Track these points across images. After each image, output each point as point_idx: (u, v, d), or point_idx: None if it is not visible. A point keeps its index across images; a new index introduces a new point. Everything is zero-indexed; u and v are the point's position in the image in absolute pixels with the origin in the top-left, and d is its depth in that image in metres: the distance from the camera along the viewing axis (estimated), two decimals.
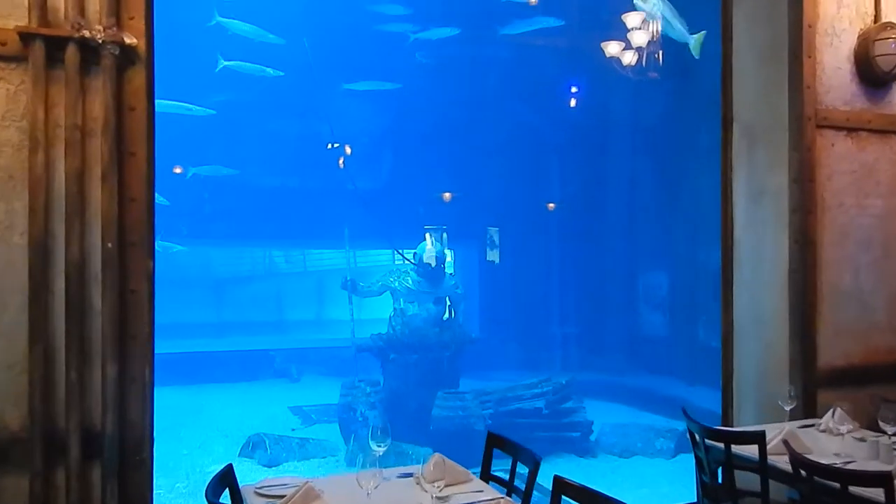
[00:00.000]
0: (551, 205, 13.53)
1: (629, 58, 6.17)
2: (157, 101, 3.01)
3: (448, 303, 9.15)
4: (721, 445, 3.21)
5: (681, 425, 8.37)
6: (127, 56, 2.81)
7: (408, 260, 9.13)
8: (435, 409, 7.70)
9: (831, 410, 3.65)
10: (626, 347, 11.82)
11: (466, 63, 12.06)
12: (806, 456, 2.83)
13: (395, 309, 9.10)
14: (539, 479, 2.91)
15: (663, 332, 11.45)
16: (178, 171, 13.13)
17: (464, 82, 11.97)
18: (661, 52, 6.21)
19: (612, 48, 6.28)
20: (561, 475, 2.55)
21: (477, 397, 7.86)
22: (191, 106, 10.85)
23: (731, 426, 4.56)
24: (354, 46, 11.51)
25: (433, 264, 8.94)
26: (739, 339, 4.75)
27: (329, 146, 11.38)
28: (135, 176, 2.88)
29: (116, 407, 2.82)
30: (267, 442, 7.74)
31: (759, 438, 3.13)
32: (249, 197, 12.31)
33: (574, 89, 12.49)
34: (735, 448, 3.19)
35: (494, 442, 3.15)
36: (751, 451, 3.18)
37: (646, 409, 10.11)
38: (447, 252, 9.38)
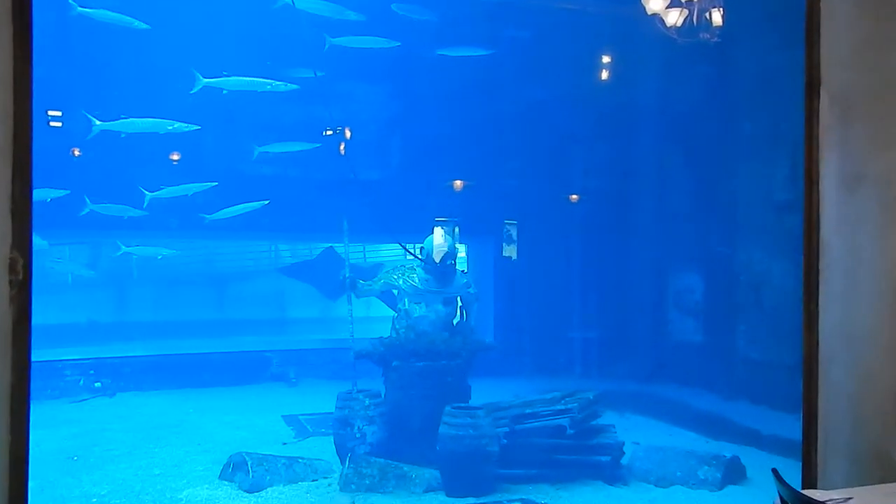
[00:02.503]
0: (574, 197, 12.52)
1: (675, 17, 5.17)
2: None
3: (459, 304, 8.15)
4: None
5: (727, 450, 7.36)
6: None
7: (414, 255, 8.14)
8: (442, 425, 6.69)
9: None
10: (654, 355, 10.81)
11: (481, 42, 11.04)
12: None
13: (398, 310, 8.11)
14: None
15: (697, 339, 10.42)
16: (175, 158, 12.27)
17: (478, 63, 10.92)
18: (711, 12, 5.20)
19: (654, 3, 5.25)
20: None
21: (490, 413, 6.85)
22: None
23: (815, 479, 3.55)
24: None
25: (442, 261, 7.93)
26: (827, 366, 3.71)
27: (328, 132, 10.40)
28: None
29: None
30: (249, 463, 6.77)
31: None
32: (247, 187, 11.38)
33: (600, 72, 11.44)
34: None
35: None
36: None
37: (679, 424, 9.10)
38: (458, 247, 8.38)
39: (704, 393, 9.45)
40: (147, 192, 10.31)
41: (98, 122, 9.65)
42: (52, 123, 12.00)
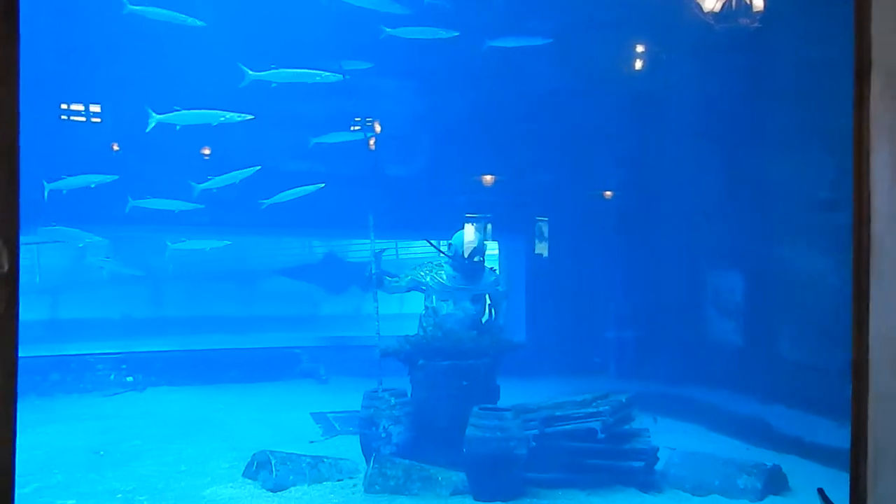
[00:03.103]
0: (608, 193, 12.19)
1: (712, 1, 4.89)
2: None
3: (487, 302, 7.95)
4: None
5: (768, 457, 7.03)
6: None
7: (441, 252, 7.95)
8: (469, 427, 6.49)
9: None
10: (690, 356, 10.43)
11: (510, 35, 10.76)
12: None
13: (426, 307, 7.93)
14: None
15: (736, 340, 10.02)
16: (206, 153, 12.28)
17: (508, 57, 10.66)
18: None
19: None
20: None
21: (518, 415, 6.62)
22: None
23: (864, 493, 3.27)
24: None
25: (471, 257, 7.73)
26: (878, 371, 3.43)
27: (358, 128, 10.23)
28: None
29: None
30: (273, 462, 6.65)
31: None
32: (276, 184, 11.30)
33: (634, 63, 11.09)
34: None
35: None
36: None
37: (717, 429, 8.78)
38: (488, 244, 8.16)
39: (744, 397, 9.06)
40: (196, 185, 10.21)
41: (155, 115, 9.60)
42: (93, 119, 12.14)
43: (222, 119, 9.74)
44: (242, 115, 9.68)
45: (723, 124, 10.42)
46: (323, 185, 10.20)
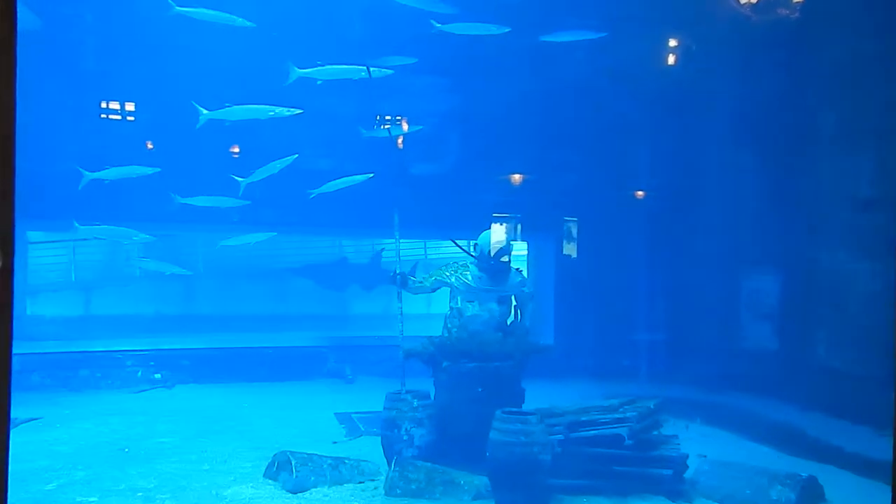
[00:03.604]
0: (640, 193, 11.94)
1: None
2: None
3: (513, 303, 7.80)
4: None
5: (803, 468, 6.76)
6: None
7: (466, 252, 7.82)
8: (492, 431, 6.34)
9: None
10: (723, 361, 10.16)
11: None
12: None
13: (451, 308, 7.81)
14: None
15: (771, 345, 9.73)
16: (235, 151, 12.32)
17: (538, 52, 10.49)
18: None
19: None
20: None
21: (543, 419, 6.46)
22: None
23: None
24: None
25: (497, 258, 7.58)
26: None
27: (385, 126, 10.11)
28: None
29: None
30: (293, 462, 6.58)
31: None
32: (304, 182, 11.27)
33: (667, 58, 10.83)
34: None
35: None
36: None
37: (750, 436, 8.50)
38: (515, 244, 8.01)
39: (779, 403, 8.78)
40: (241, 180, 10.16)
41: (205, 112, 9.58)
42: (128, 118, 12.26)
43: (271, 114, 9.62)
44: (291, 109, 9.54)
45: (759, 122, 10.13)
46: (372, 174, 10.03)
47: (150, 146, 11.47)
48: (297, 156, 9.87)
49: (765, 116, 10.04)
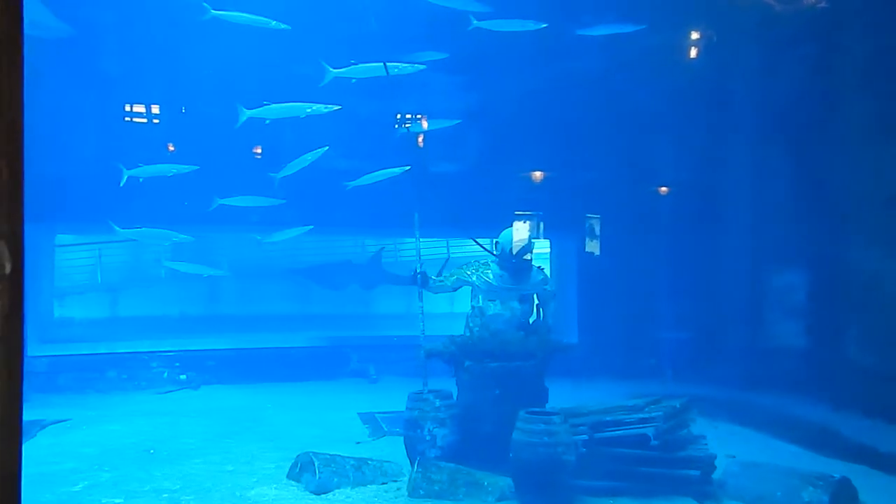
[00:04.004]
0: (663, 189, 11.77)
1: None
2: None
3: (535, 302, 7.71)
4: None
5: (836, 468, 6.60)
6: None
7: (487, 250, 7.75)
8: (515, 431, 6.28)
9: None
10: (751, 359, 9.98)
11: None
12: None
13: (472, 307, 7.75)
14: None
15: (801, 343, 9.53)
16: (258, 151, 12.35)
17: (559, 46, 10.36)
18: None
19: None
20: None
21: (567, 419, 6.38)
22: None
23: None
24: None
25: (518, 256, 7.51)
26: None
27: (405, 125, 10.05)
28: None
29: None
30: (316, 464, 6.57)
31: None
32: (325, 181, 11.27)
33: (690, 51, 10.64)
34: None
35: None
36: None
37: (779, 435, 8.33)
38: (535, 242, 7.91)
39: (809, 402, 8.60)
40: (275, 175, 10.14)
41: (246, 111, 9.58)
42: (154, 121, 12.35)
43: (309, 111, 9.60)
44: (329, 106, 9.49)
45: (787, 115, 9.94)
46: (409, 167, 9.96)
47: (171, 148, 11.54)
48: (327, 148, 9.82)
49: (793, 110, 9.84)
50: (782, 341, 9.86)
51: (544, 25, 9.38)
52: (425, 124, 10.52)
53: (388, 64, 8.66)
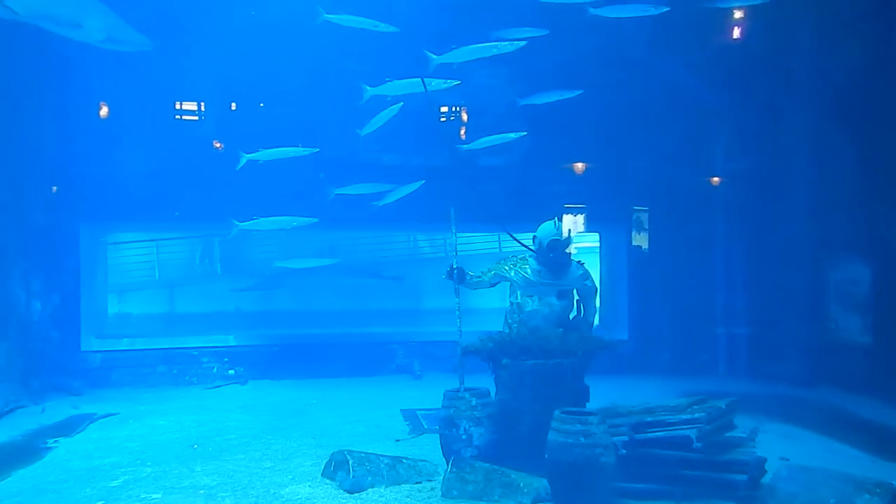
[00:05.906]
0: (715, 179, 11.32)
1: None
2: None
3: (575, 297, 7.49)
4: None
5: (894, 474, 6.19)
6: None
7: (524, 245, 7.55)
8: (551, 432, 6.08)
9: None
10: (810, 355, 9.50)
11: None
12: None
13: (510, 303, 7.59)
14: None
15: (863, 339, 9.02)
16: None
17: (603, 30, 10.01)
18: None
19: None
20: None
21: (605, 420, 6.14)
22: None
23: None
24: None
25: (557, 250, 7.29)
26: None
27: (449, 118, 9.89)
28: None
29: None
30: (351, 462, 6.52)
31: None
32: (371, 176, 11.24)
33: (743, 32, 10.15)
34: None
35: None
36: None
37: (837, 436, 7.88)
38: (575, 236, 7.69)
39: (871, 401, 8.11)
40: (360, 131, 10.10)
41: (370, 88, 9.45)
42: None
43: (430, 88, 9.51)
44: (448, 81, 9.24)
45: (847, 98, 9.40)
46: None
47: (217, 145, 11.66)
48: (401, 104, 9.62)
49: (854, 93, 9.31)
50: (843, 337, 9.36)
51: (667, 9, 8.90)
52: (465, 116, 10.32)
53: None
